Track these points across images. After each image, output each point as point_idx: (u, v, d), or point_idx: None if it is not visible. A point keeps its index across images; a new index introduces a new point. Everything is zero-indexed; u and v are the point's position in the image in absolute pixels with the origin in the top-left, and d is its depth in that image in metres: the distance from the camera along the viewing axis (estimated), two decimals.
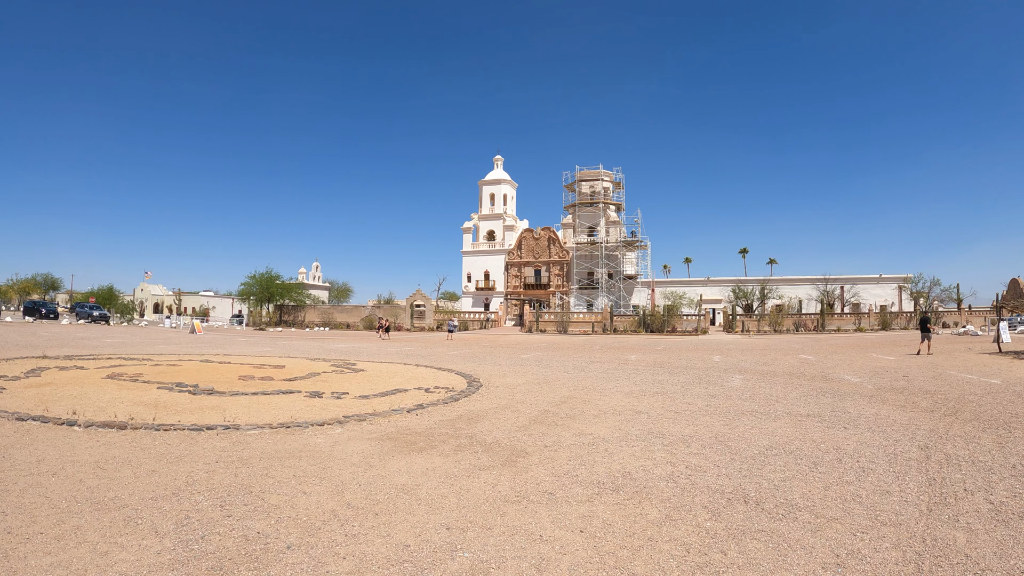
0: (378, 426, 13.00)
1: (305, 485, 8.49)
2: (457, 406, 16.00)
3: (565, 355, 38.07)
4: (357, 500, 7.84)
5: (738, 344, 54.26)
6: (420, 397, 17.27)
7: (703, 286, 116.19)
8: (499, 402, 16.84)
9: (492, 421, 13.88)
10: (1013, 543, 6.91)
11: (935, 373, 25.88)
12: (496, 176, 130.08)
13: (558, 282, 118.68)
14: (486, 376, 23.72)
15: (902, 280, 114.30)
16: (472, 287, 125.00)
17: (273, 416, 13.84)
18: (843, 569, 6.15)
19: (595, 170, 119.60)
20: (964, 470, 10.17)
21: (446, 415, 14.57)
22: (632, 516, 7.50)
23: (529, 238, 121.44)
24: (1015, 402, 17.45)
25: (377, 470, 9.37)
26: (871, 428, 13.66)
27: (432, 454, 10.53)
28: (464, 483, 8.74)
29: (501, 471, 9.48)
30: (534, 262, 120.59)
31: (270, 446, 10.94)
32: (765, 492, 8.66)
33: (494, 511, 7.54)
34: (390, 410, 14.88)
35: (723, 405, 16.68)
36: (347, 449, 10.79)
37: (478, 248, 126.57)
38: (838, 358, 35.26)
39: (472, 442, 11.57)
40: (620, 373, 25.73)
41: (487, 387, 20.12)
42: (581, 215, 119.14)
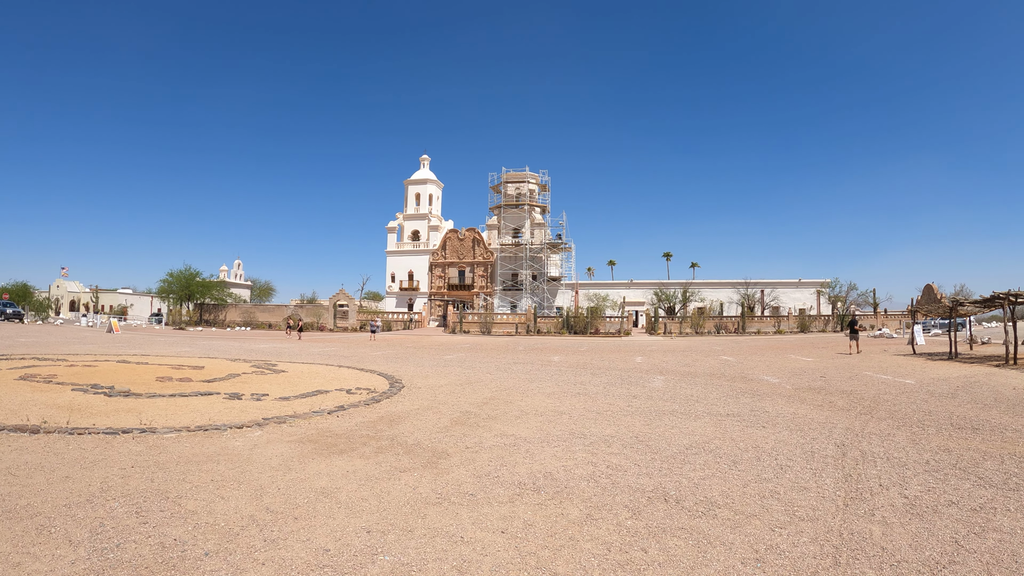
0: (298, 428, 12.88)
1: (223, 490, 8.37)
2: (379, 407, 15.93)
3: (488, 356, 38.10)
4: (276, 504, 7.76)
5: (660, 346, 54.79)
6: (341, 399, 17.14)
7: (626, 288, 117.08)
8: (421, 403, 16.80)
9: (414, 422, 13.84)
10: (927, 535, 7.14)
11: (852, 374, 26.52)
12: (422, 176, 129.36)
13: (482, 283, 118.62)
14: (408, 377, 23.64)
15: (820, 285, 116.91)
16: (396, 287, 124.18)
17: (191, 419, 13.61)
18: (762, 564, 6.29)
19: (521, 172, 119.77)
20: (879, 466, 10.46)
21: (367, 417, 14.49)
22: (553, 516, 7.55)
23: (454, 239, 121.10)
24: (928, 401, 18.00)
25: (297, 473, 9.28)
26: (789, 427, 13.95)
27: (353, 456, 10.47)
28: (385, 485, 8.70)
29: (422, 473, 9.46)
30: (458, 263, 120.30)
31: (187, 450, 10.76)
32: (685, 490, 8.79)
33: (415, 513, 7.52)
34: (311, 412, 14.75)
35: (644, 405, 16.87)
36: (266, 452, 10.67)
37: (403, 248, 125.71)
38: (758, 359, 35.88)
39: (393, 444, 11.52)
40: (543, 374, 25.85)
41: (409, 388, 20.06)
42: (506, 217, 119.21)
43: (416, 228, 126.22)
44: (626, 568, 6.14)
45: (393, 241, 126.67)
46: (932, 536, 7.13)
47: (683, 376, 25.54)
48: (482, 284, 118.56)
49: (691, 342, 62.60)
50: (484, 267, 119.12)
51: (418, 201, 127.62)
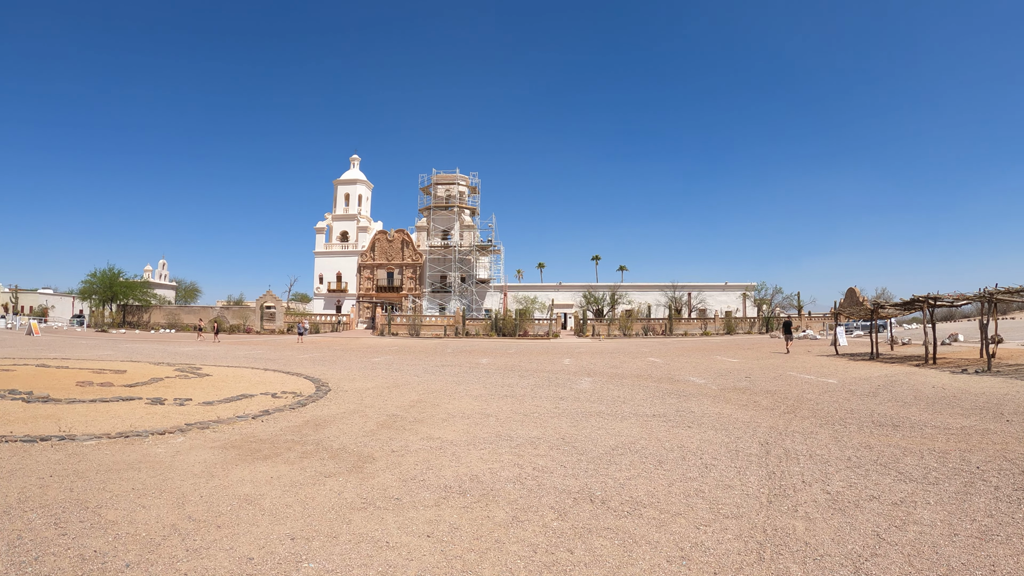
0: (222, 434, 12.71)
1: (144, 498, 8.23)
2: (304, 411, 15.80)
3: (416, 359, 37.99)
4: (199, 513, 7.65)
5: (588, 348, 55.08)
6: (266, 403, 16.98)
7: (555, 291, 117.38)
8: (347, 407, 16.70)
9: (340, 426, 13.76)
10: (849, 529, 7.34)
11: (776, 374, 27.02)
12: (352, 176, 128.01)
13: (411, 285, 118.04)
14: (335, 380, 23.49)
15: (746, 288, 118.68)
16: (324, 289, 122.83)
17: (112, 425, 13.34)
18: (687, 561, 6.39)
19: (451, 174, 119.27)
20: (802, 463, 10.69)
21: (293, 421, 14.37)
22: (479, 519, 7.57)
23: (383, 240, 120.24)
24: (850, 400, 18.42)
25: (220, 480, 9.17)
26: (714, 426, 14.17)
27: (277, 462, 10.38)
28: (310, 491, 8.65)
29: (348, 477, 9.42)
30: (387, 264, 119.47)
31: (108, 457, 10.55)
32: (611, 491, 8.88)
33: (340, 519, 7.49)
34: (235, 417, 14.58)
35: (571, 407, 16.97)
36: (189, 459, 10.51)
37: (331, 249, 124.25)
38: (684, 361, 36.27)
39: (319, 448, 11.45)
40: (470, 376, 25.88)
41: (336, 391, 19.93)
42: (436, 218, 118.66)
43: (345, 229, 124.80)
44: (552, 569, 6.18)
45: (321, 242, 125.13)
46: (854, 530, 7.33)
47: (610, 378, 25.73)
48: (411, 286, 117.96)
49: (619, 344, 63.04)
50: (413, 269, 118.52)
51: (347, 201, 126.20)
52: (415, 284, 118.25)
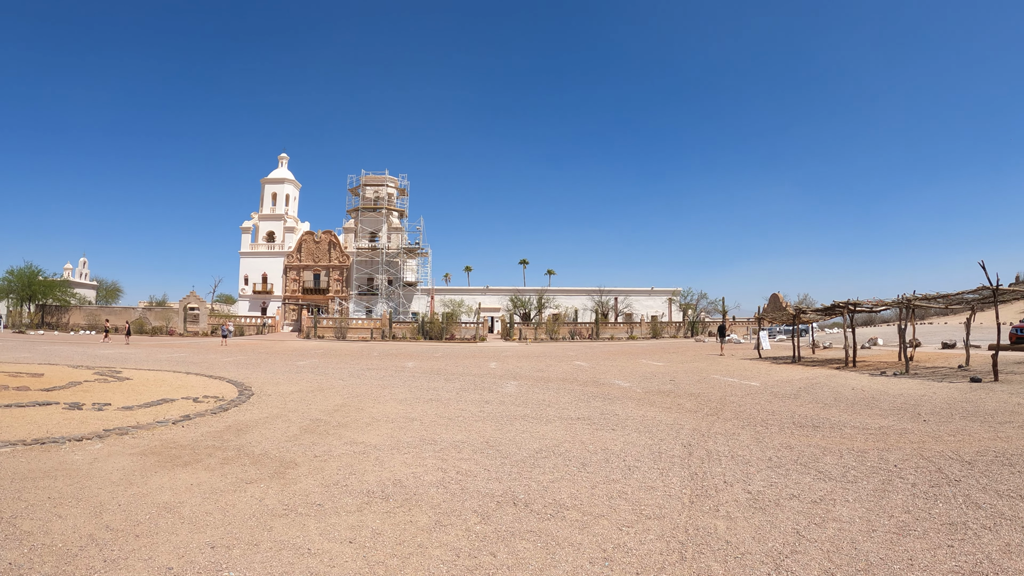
0: (141, 440, 12.45)
1: (61, 508, 8.01)
2: (226, 416, 15.56)
3: (342, 362, 37.75)
4: (117, 522, 7.48)
5: (515, 351, 55.28)
6: (188, 407, 16.68)
7: (482, 295, 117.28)
8: (270, 411, 16.51)
9: (262, 431, 13.59)
10: (770, 527, 7.47)
11: (700, 377, 27.39)
12: (280, 175, 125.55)
13: (338, 287, 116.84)
14: (259, 384, 23.21)
15: (672, 293, 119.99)
16: (250, 290, 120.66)
17: (27, 431, 12.97)
18: (610, 562, 6.43)
19: (381, 175, 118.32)
20: (724, 464, 10.85)
21: (214, 426, 14.14)
22: (402, 524, 7.54)
23: (310, 241, 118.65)
24: (772, 402, 18.77)
25: (139, 488, 8.97)
26: (638, 429, 14.30)
27: (198, 468, 10.20)
28: (230, 498, 8.51)
29: (269, 484, 9.30)
30: (314, 266, 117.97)
31: (23, 465, 10.26)
32: (534, 494, 8.91)
33: (261, 526, 7.39)
34: (155, 422, 14.30)
35: (496, 411, 17.00)
36: (107, 466, 10.27)
37: (257, 249, 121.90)
38: (610, 364, 36.55)
39: (240, 454, 11.29)
40: (396, 380, 25.78)
41: (259, 396, 19.70)
42: (364, 220, 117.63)
43: (272, 229, 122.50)
44: (475, 573, 6.19)
45: (247, 242, 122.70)
46: (775, 528, 7.46)
47: (536, 381, 25.85)
48: (338, 288, 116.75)
49: (546, 348, 63.39)
50: (340, 271, 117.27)
51: (274, 201, 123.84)
52: (342, 286, 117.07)
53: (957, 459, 11.06)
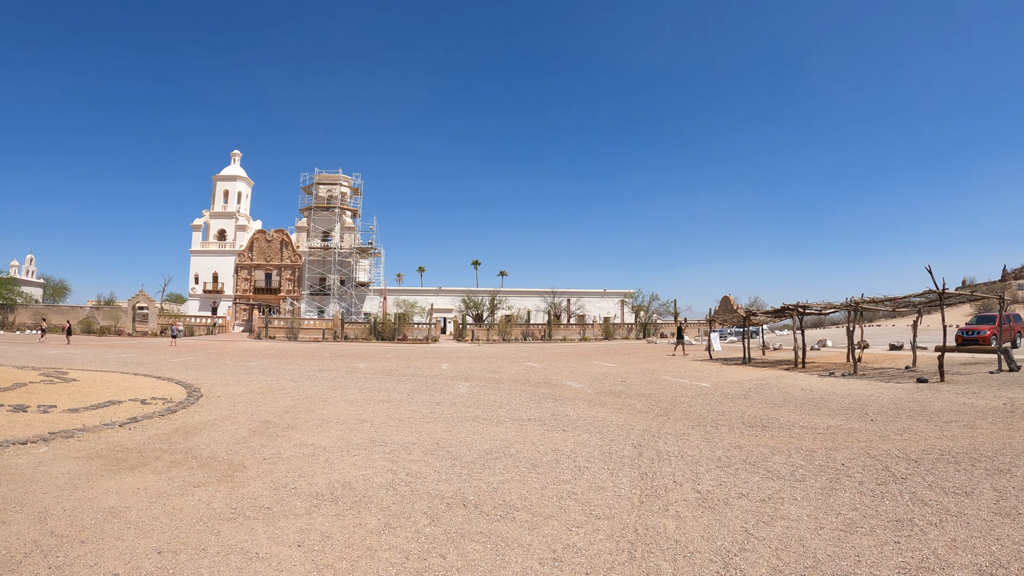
0: (87, 443, 12.25)
1: (4, 513, 7.86)
2: (174, 418, 15.37)
3: (293, 363, 37.49)
4: (62, 527, 7.35)
5: (467, 352, 55.21)
6: (135, 409, 16.43)
7: (435, 295, 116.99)
8: (219, 413, 16.34)
9: (210, 434, 13.43)
10: (719, 526, 7.54)
11: (651, 378, 27.53)
12: (232, 172, 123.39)
13: (289, 287, 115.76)
14: (208, 385, 22.96)
15: (624, 295, 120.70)
16: (200, 289, 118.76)
17: None
18: (560, 563, 6.45)
19: (334, 174, 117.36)
20: (674, 464, 10.93)
21: (162, 429, 13.95)
22: (351, 526, 7.50)
23: (262, 240, 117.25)
24: (722, 402, 18.92)
25: (84, 492, 8.83)
26: (589, 430, 14.35)
27: (144, 472, 10.06)
28: (178, 502, 8.40)
29: (217, 487, 9.20)
30: (265, 265, 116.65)
31: None
32: (484, 495, 8.91)
33: (209, 530, 7.30)
34: (101, 424, 14.07)
35: (447, 412, 16.96)
36: (52, 470, 10.10)
37: (208, 248, 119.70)
38: (562, 366, 36.63)
39: (188, 457, 11.15)
40: (347, 381, 25.65)
41: (208, 397, 19.48)
42: (316, 219, 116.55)
43: (223, 227, 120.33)
44: (424, 575, 6.13)
45: (198, 240, 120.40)
46: (723, 527, 7.52)
47: (488, 382, 25.84)
48: (289, 288, 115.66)
49: (498, 349, 63.39)
50: (292, 270, 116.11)
51: (226, 198, 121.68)
52: (294, 286, 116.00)
53: (904, 457, 11.22)
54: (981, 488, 9.10)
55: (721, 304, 45.35)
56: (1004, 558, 6.48)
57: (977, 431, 13.71)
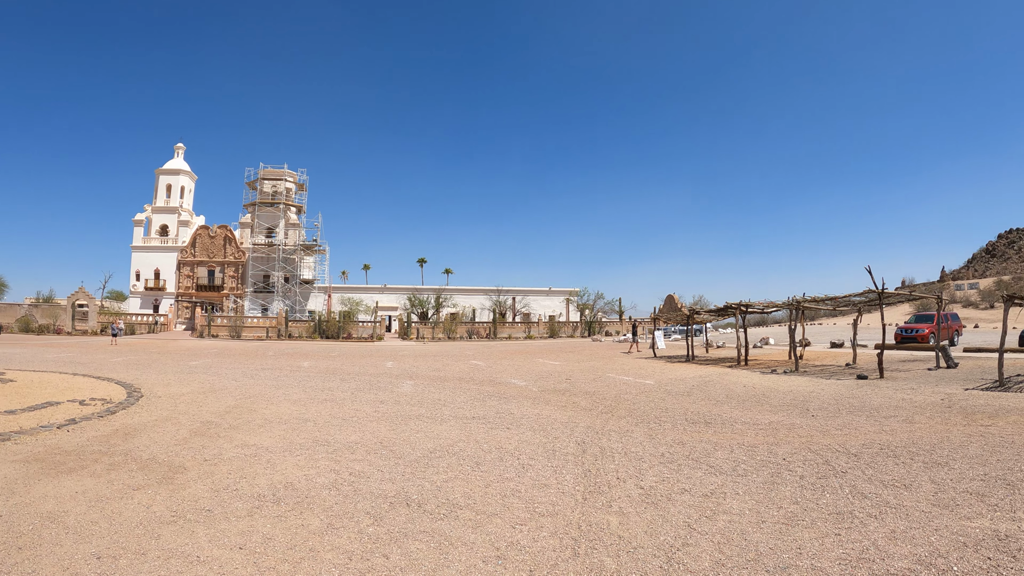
0: (24, 446, 11.99)
1: None
2: (114, 419, 15.11)
3: (236, 362, 37.13)
4: None
5: (412, 351, 55.11)
6: (74, 411, 16.12)
7: (380, 293, 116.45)
8: (160, 414, 16.09)
9: (151, 435, 13.21)
10: (662, 522, 7.59)
11: (595, 376, 27.68)
12: (175, 166, 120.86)
13: (232, 284, 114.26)
14: (149, 385, 22.61)
15: (569, 293, 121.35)
16: (141, 286, 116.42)
17: None
18: (503, 561, 6.45)
19: (279, 169, 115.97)
20: (617, 461, 10.98)
21: (101, 430, 13.69)
22: (294, 528, 7.43)
23: (205, 236, 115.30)
24: (666, 399, 19.06)
25: (21, 497, 8.63)
26: (533, 427, 14.38)
27: (83, 475, 9.87)
28: (117, 505, 8.25)
29: (157, 490, 9.05)
30: (208, 262, 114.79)
31: None
32: (428, 494, 8.88)
33: (149, 534, 7.18)
34: (38, 427, 13.79)
35: (391, 411, 16.90)
36: None
37: (150, 244, 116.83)
38: (507, 364, 36.72)
39: (127, 459, 10.96)
40: (291, 380, 25.46)
41: (148, 398, 19.18)
42: (261, 215, 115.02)
43: (165, 222, 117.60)
44: None
45: (140, 235, 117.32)
46: (667, 522, 7.59)
47: (432, 381, 25.81)
48: (233, 285, 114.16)
49: (443, 347, 63.37)
50: (235, 267, 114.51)
51: (169, 193, 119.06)
52: (237, 283, 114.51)
53: (844, 452, 11.40)
54: (919, 481, 9.28)
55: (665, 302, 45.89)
56: (942, 548, 6.62)
57: (915, 426, 13.97)
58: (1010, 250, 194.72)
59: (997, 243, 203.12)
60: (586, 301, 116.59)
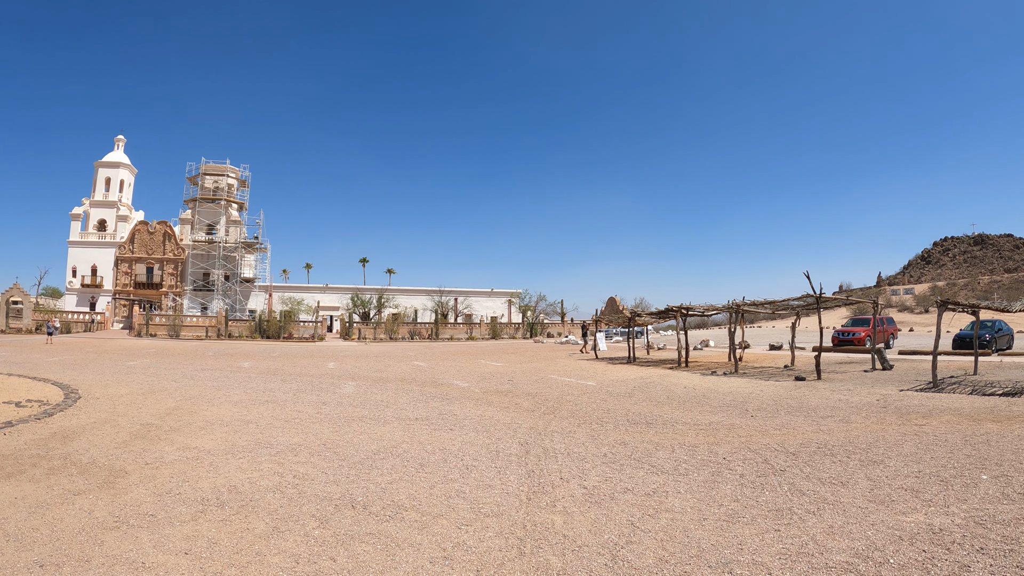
0: None
1: None
2: (52, 422, 14.85)
3: (175, 362, 36.60)
4: None
5: (354, 351, 54.87)
6: (9, 413, 15.83)
7: (322, 292, 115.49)
8: (99, 416, 15.85)
9: (90, 438, 13.01)
10: (606, 520, 7.71)
11: (538, 377, 27.82)
12: (115, 158, 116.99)
13: (172, 282, 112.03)
14: (87, 386, 22.23)
15: (512, 294, 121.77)
16: (78, 283, 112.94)
17: None
18: (450, 561, 6.49)
19: (221, 164, 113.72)
20: (560, 461, 11.09)
21: (39, 433, 13.45)
22: (239, 532, 7.39)
23: (144, 231, 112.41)
24: (608, 400, 19.23)
25: None
26: (476, 428, 14.44)
27: (21, 480, 9.69)
28: (58, 511, 8.13)
29: (99, 494, 8.93)
30: (147, 259, 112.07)
31: None
32: (373, 496, 8.89)
33: (92, 540, 7.09)
34: None
35: (334, 412, 16.85)
36: None
37: (87, 239, 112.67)
38: (449, 365, 36.73)
39: (67, 463, 10.79)
40: (232, 381, 25.22)
41: (87, 399, 18.87)
42: (202, 211, 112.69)
43: (104, 217, 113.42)
44: None
45: (77, 230, 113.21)
46: (610, 521, 7.70)
47: (375, 382, 25.76)
48: (172, 283, 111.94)
49: (385, 348, 63.13)
50: (175, 264, 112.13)
51: (108, 186, 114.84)
52: (176, 281, 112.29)
53: (782, 451, 11.64)
54: (856, 478, 9.53)
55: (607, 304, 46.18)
56: (879, 542, 6.82)
57: (852, 425, 14.28)
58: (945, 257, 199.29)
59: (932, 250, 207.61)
60: (528, 302, 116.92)
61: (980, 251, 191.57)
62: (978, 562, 6.24)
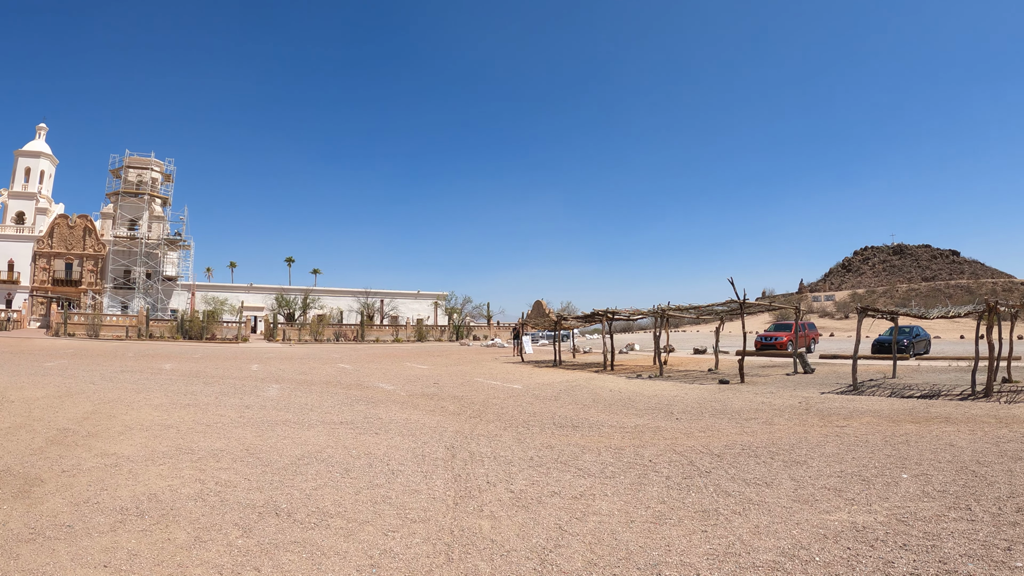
0: None
1: None
2: None
3: (94, 363, 35.79)
4: None
5: (279, 353, 54.40)
6: None
7: (246, 292, 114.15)
8: (13, 420, 15.40)
9: (3, 444, 12.62)
10: (534, 524, 7.71)
11: (464, 380, 27.84)
12: (36, 148, 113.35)
13: (92, 279, 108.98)
14: (0, 389, 21.60)
15: (438, 297, 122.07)
16: None
17: None
18: (377, 569, 6.42)
19: (146, 157, 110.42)
20: (487, 465, 11.08)
21: None
22: (159, 542, 7.20)
23: (63, 225, 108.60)
24: (533, 404, 19.26)
25: None
26: (402, 432, 14.36)
27: None
28: None
29: (13, 504, 8.64)
30: (66, 254, 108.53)
31: None
32: (297, 503, 8.76)
33: (6, 553, 6.85)
34: None
35: (257, 416, 16.62)
36: None
37: (5, 231, 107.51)
38: (375, 367, 36.64)
39: None
40: (152, 384, 24.70)
41: (0, 402, 18.34)
42: (124, 206, 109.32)
43: (22, 209, 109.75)
44: None
45: None
46: (538, 524, 7.70)
47: (299, 384, 25.52)
48: (92, 280, 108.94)
49: (310, 349, 62.76)
50: (95, 261, 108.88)
51: (27, 177, 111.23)
52: (96, 278, 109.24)
53: (707, 452, 11.78)
54: (780, 479, 9.69)
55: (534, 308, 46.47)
56: (804, 540, 6.95)
57: (775, 427, 14.52)
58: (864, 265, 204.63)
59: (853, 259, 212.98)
60: (454, 305, 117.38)
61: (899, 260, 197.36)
62: (901, 558, 6.39)
